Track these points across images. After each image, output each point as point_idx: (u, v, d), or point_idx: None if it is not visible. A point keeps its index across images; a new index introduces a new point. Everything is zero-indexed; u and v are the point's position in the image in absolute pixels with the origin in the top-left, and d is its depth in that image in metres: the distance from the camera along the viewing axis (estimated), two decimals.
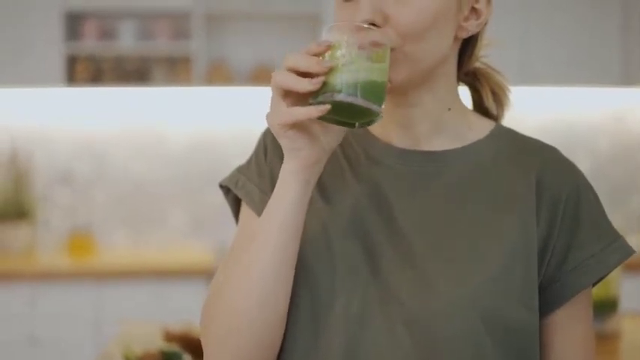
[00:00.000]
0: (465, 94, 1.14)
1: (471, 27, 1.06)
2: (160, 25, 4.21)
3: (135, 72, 4.22)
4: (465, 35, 1.06)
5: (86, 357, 3.82)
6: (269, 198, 1.00)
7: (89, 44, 4.13)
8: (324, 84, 0.90)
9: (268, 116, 0.93)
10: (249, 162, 1.13)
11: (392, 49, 0.98)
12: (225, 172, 4.11)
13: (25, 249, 4.11)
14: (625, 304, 3.66)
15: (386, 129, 1.09)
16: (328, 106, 0.89)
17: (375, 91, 0.91)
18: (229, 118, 4.40)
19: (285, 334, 1.01)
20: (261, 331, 0.98)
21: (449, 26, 1.02)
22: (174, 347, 2.13)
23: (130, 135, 4.36)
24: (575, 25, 4.24)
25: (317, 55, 0.91)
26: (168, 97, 4.37)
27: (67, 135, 4.33)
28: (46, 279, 3.81)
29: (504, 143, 1.09)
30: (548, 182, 1.05)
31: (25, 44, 4.02)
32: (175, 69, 4.23)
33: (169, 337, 2.20)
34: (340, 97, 0.89)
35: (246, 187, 1.10)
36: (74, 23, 4.20)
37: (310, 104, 0.91)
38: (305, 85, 0.89)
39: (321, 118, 0.92)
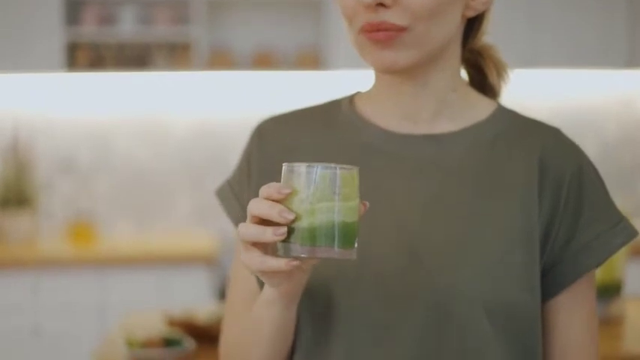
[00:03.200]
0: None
1: (478, 5, 1.05)
2: (160, 10, 4.19)
3: (135, 58, 4.20)
4: (472, 14, 1.05)
5: (89, 345, 3.82)
6: None
7: (89, 30, 4.11)
8: (292, 229, 0.86)
9: (242, 258, 0.91)
10: (235, 172, 1.14)
11: (400, 30, 0.96)
12: (227, 158, 4.10)
13: (26, 237, 4.10)
14: (629, 288, 3.66)
15: (385, 114, 1.08)
16: (297, 262, 0.86)
17: (344, 235, 0.86)
18: (232, 103, 4.38)
19: None
20: None
21: (457, 5, 1.01)
22: (176, 333, 2.12)
23: (132, 121, 4.35)
24: (581, 7, 4.21)
25: (279, 201, 0.87)
26: (170, 83, 4.36)
27: (68, 122, 4.32)
28: (48, 267, 3.80)
29: (506, 124, 1.08)
30: (551, 164, 1.04)
31: (26, 30, 4.00)
32: (176, 55, 4.21)
33: (173, 322, 2.20)
34: (306, 251, 0.85)
35: (231, 204, 1.12)
36: (74, 9, 4.18)
37: (279, 248, 0.88)
38: (269, 237, 0.86)
39: None
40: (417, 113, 1.06)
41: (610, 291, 2.34)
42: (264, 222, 0.88)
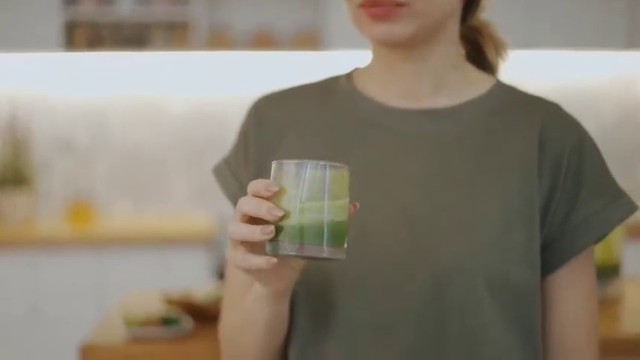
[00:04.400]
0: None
1: None
2: None
3: (134, 38, 4.19)
4: None
5: (87, 324, 3.82)
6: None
7: (87, 9, 4.09)
8: (280, 227, 0.85)
9: (228, 256, 0.91)
10: (232, 150, 1.13)
11: (399, 6, 0.95)
12: (226, 138, 4.09)
13: (24, 217, 4.10)
14: (627, 269, 3.66)
15: (384, 90, 1.07)
16: (275, 261, 0.85)
17: (333, 235, 0.85)
18: (230, 83, 4.37)
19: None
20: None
21: None
22: (174, 312, 2.12)
23: (130, 101, 4.34)
24: None
25: (268, 198, 0.86)
26: (168, 63, 4.34)
27: (66, 101, 4.31)
28: (46, 247, 3.80)
29: (506, 99, 1.07)
30: (551, 138, 1.03)
31: (24, 9, 3.98)
32: (175, 34, 4.19)
33: (171, 302, 2.20)
34: (294, 249, 0.84)
35: (228, 181, 1.11)
36: None
37: (267, 245, 0.87)
38: (257, 236, 0.85)
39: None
40: (416, 91, 1.05)
41: (608, 272, 2.34)
42: (254, 220, 0.87)
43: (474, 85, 1.08)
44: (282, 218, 0.84)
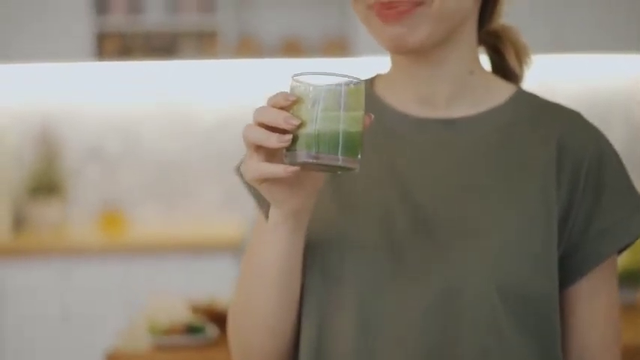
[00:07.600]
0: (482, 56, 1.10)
1: None
2: None
3: (163, 47, 4.21)
4: None
5: (117, 331, 3.84)
6: None
7: (117, 19, 4.13)
8: (296, 137, 0.85)
9: (243, 168, 0.89)
10: None
11: (418, 5, 0.94)
12: None
13: (56, 225, 4.14)
14: None
15: (402, 97, 1.06)
16: (296, 168, 0.85)
17: (348, 144, 0.86)
18: (259, 91, 4.37)
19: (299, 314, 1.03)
20: (275, 346, 1.02)
21: None
22: (199, 320, 2.13)
23: (159, 110, 4.36)
24: None
25: (284, 108, 0.86)
26: (197, 72, 4.36)
27: (97, 110, 4.34)
28: (77, 254, 3.83)
29: (525, 108, 1.06)
30: (570, 147, 1.01)
31: (55, 20, 4.02)
32: (203, 43, 4.21)
33: (196, 309, 2.21)
34: (311, 157, 0.85)
35: None
36: None
37: (285, 156, 0.87)
38: (273, 142, 0.84)
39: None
40: (433, 96, 1.04)
41: (635, 277, 2.31)
42: (271, 130, 0.86)
43: (493, 93, 1.06)
44: (298, 127, 0.85)
